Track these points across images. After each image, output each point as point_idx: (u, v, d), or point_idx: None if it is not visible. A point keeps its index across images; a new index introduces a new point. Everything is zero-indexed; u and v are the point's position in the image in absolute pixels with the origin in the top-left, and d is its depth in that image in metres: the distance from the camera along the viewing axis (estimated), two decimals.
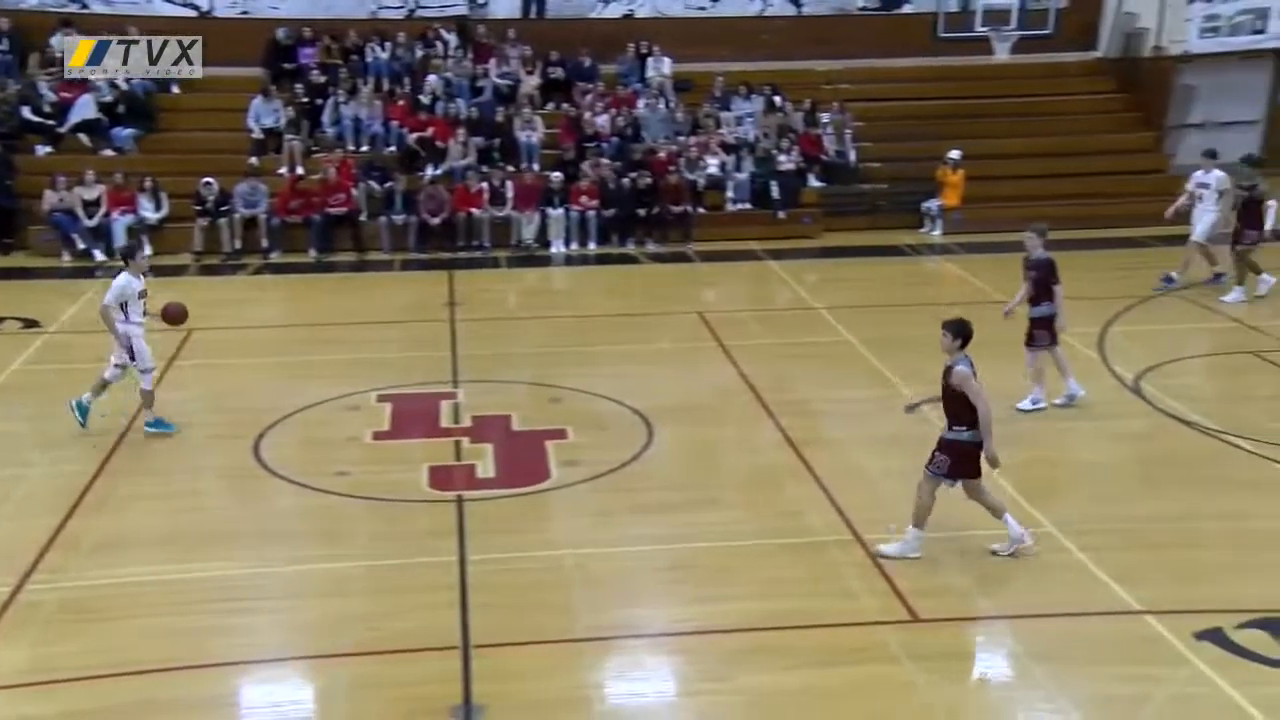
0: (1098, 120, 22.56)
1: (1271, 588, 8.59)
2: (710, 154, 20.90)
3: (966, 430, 8.95)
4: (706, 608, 8.60)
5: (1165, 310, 15.74)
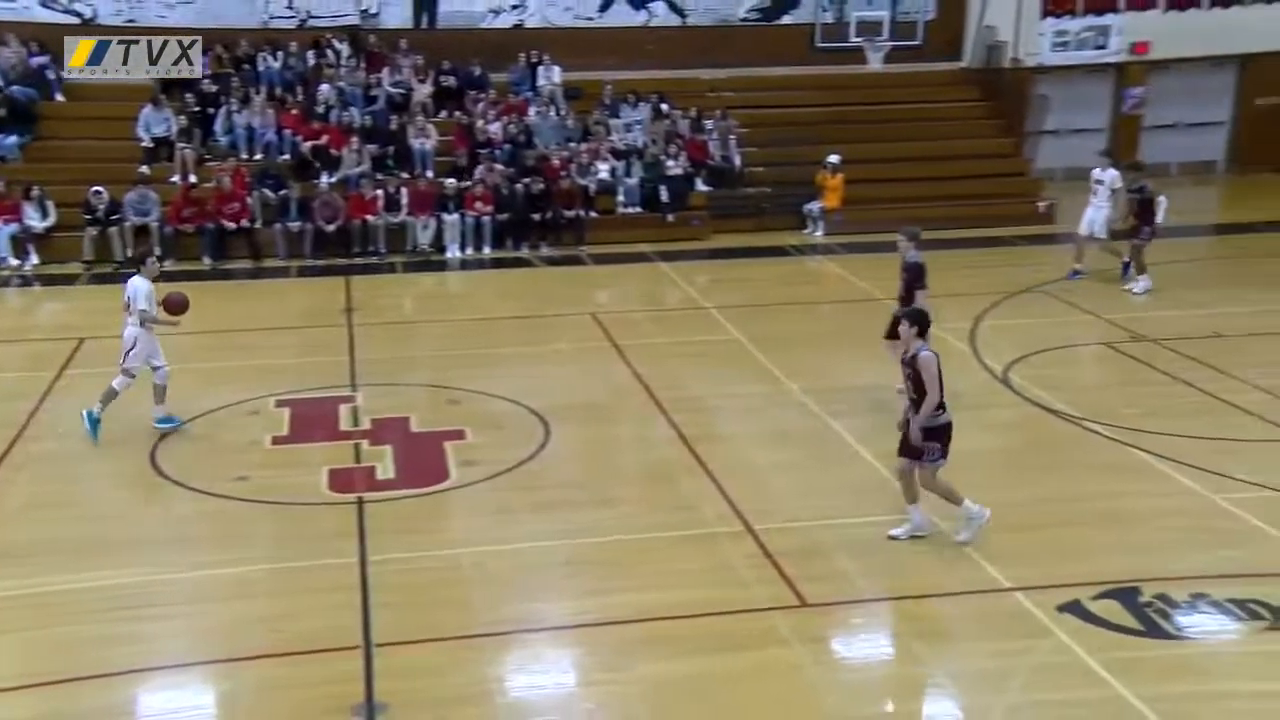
0: (964, 126, 23.16)
1: (1123, 561, 8.93)
2: (601, 160, 20.97)
3: (942, 414, 9.10)
4: (604, 600, 8.63)
5: (1030, 305, 16.22)
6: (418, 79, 22.10)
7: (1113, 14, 24.19)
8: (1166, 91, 24.82)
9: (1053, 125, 24.78)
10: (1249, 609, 8.26)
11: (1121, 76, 24.75)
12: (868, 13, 23.65)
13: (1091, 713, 7.18)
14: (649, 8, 23.83)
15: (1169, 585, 8.54)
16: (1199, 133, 25.14)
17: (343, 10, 22.71)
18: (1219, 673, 7.64)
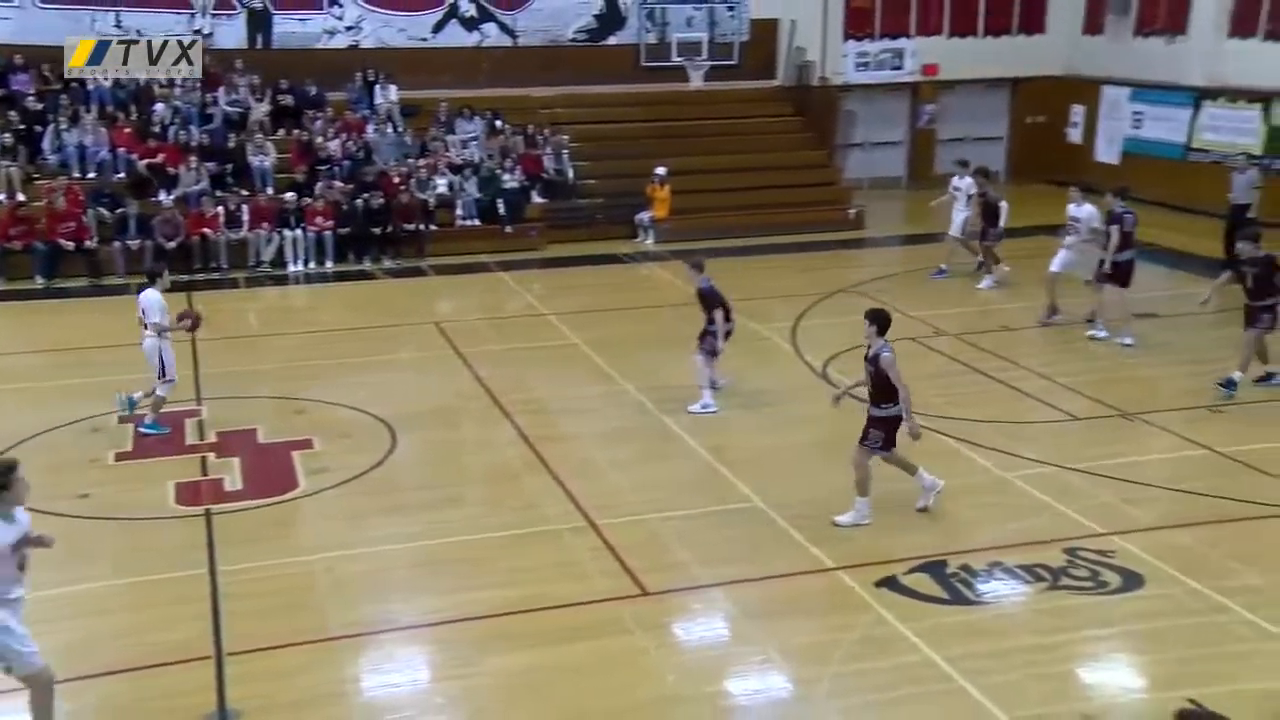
0: (779, 139, 23.76)
1: (932, 537, 9.32)
2: (439, 174, 20.72)
3: (893, 406, 9.33)
4: (456, 598, 8.56)
5: (844, 305, 16.69)
6: (255, 98, 21.43)
7: (906, 38, 25.26)
8: (954, 109, 26.00)
9: (859, 138, 25.67)
10: (1035, 572, 8.74)
11: (916, 95, 25.81)
12: (688, 34, 24.04)
13: (906, 676, 7.48)
14: (481, 29, 23.65)
15: (970, 557, 8.96)
16: (983, 146, 26.34)
17: (175, 29, 21.81)
18: (1010, 631, 8.06)
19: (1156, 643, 7.89)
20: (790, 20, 24.51)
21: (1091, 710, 7.10)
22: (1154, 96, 23.45)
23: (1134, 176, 23.24)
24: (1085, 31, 25.37)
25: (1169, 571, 8.68)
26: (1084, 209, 15.14)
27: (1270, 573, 8.63)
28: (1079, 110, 25.40)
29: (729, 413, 12.41)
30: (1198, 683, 7.23)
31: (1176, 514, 9.70)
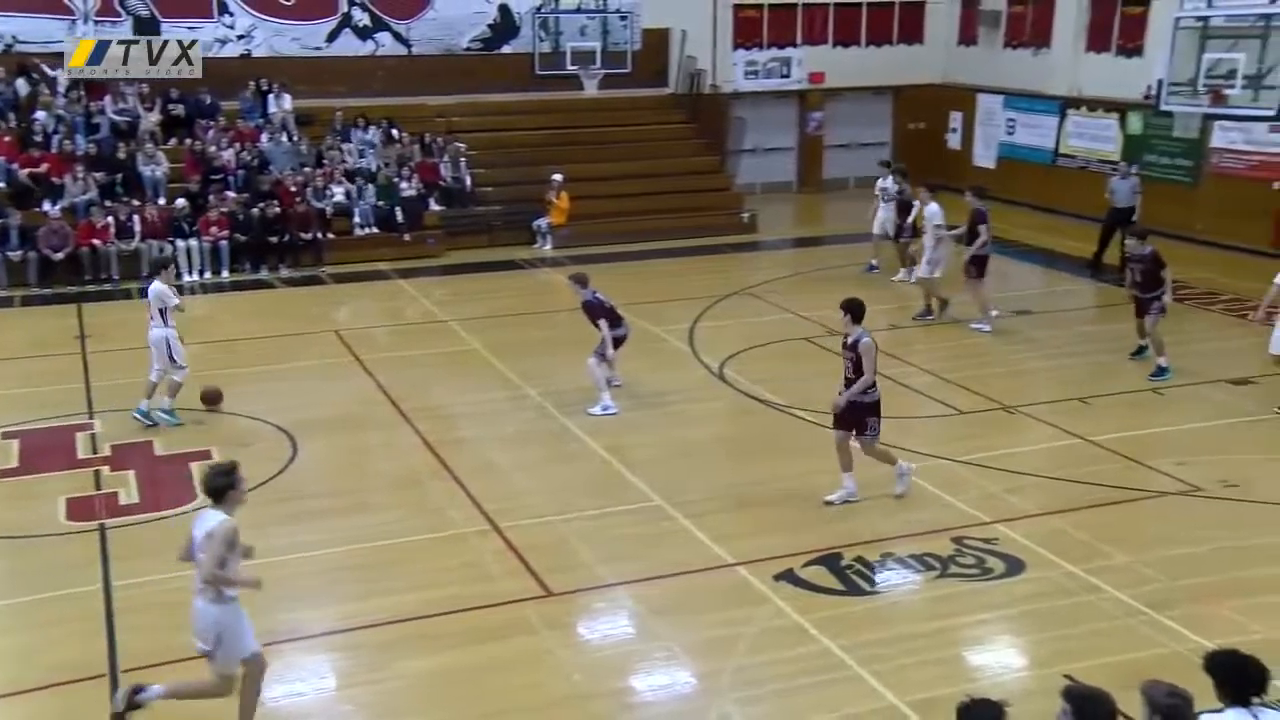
0: (673, 146, 23.93)
1: (827, 530, 9.53)
2: (335, 183, 20.40)
3: (875, 391, 9.68)
4: (364, 604, 8.46)
5: (739, 306, 16.96)
6: (144, 107, 20.80)
7: (792, 47, 25.70)
8: (840, 116, 26.54)
9: (750, 145, 26.01)
10: (925, 561, 8.99)
11: (804, 102, 26.27)
12: (581, 43, 24.08)
13: (804, 667, 7.63)
14: (375, 38, 23.33)
15: (864, 548, 9.18)
16: (868, 151, 26.97)
17: (54, 36, 21.02)
18: (903, 618, 8.28)
19: (1037, 623, 8.19)
20: (681, 30, 24.73)
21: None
22: (1024, 104, 24.29)
23: (1009, 180, 24.17)
24: (960, 42, 26.16)
25: (1047, 556, 9.01)
26: (930, 207, 15.59)
27: (1134, 552, 9.02)
28: (957, 117, 26.17)
29: (629, 414, 12.48)
30: (1073, 658, 7.53)
31: (1053, 501, 10.07)
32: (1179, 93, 18.36)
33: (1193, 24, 18.15)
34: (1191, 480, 10.36)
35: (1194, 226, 19.39)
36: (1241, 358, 14.21)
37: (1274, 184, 18.90)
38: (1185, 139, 20.35)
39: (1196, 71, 17.88)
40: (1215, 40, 17.81)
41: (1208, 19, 18.05)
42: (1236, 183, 19.60)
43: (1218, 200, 19.84)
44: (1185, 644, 7.56)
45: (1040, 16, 23.88)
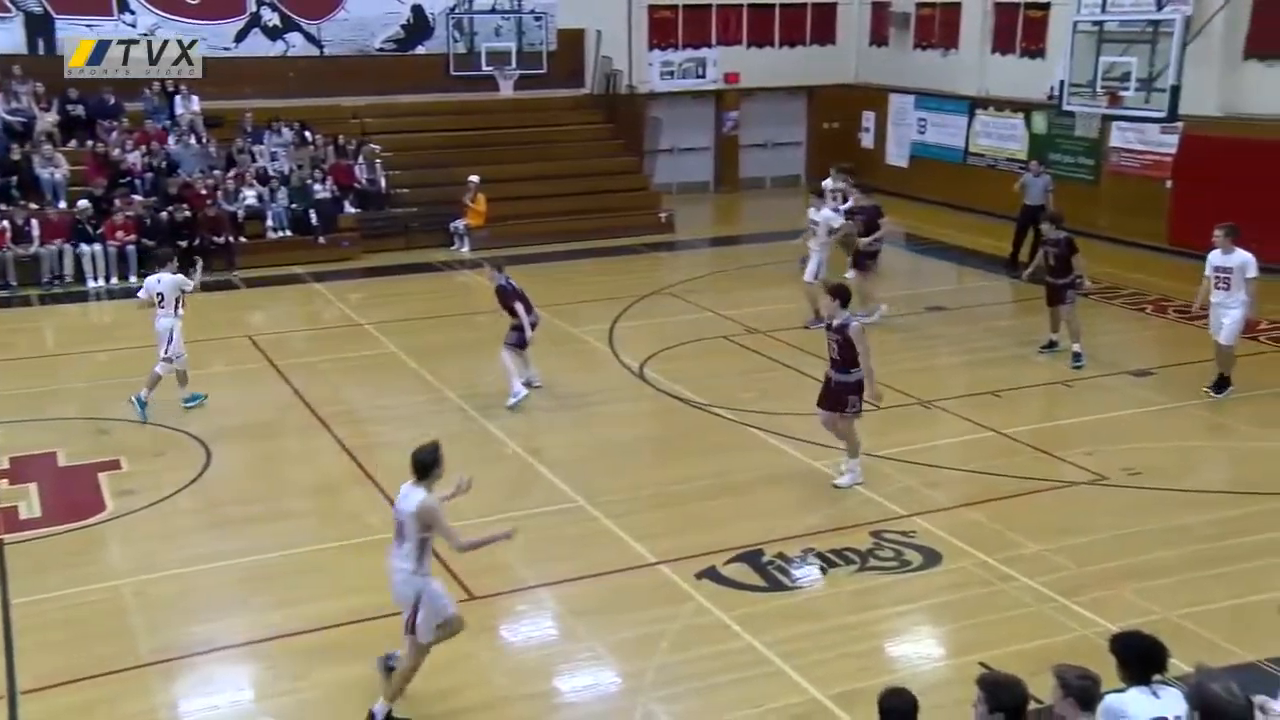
0: (590, 146, 23.90)
1: (749, 526, 9.57)
2: (247, 186, 19.98)
3: (858, 371, 10.02)
4: (282, 613, 8.30)
5: (659, 306, 17.00)
6: (40, 107, 20.13)
7: (708, 48, 25.86)
8: (756, 116, 26.77)
9: (666, 145, 26.09)
10: (844, 556, 9.11)
11: (720, 102, 26.45)
12: (496, 44, 23.92)
13: (727, 663, 7.68)
14: (286, 38, 22.90)
15: (785, 544, 9.26)
16: (784, 151, 27.31)
17: None
18: (823, 613, 8.37)
19: (953, 613, 8.35)
20: (596, 30, 24.71)
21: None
22: (934, 104, 24.74)
23: (921, 179, 24.63)
24: (872, 43, 26.55)
25: (963, 547, 9.19)
26: (822, 212, 15.65)
27: (1044, 541, 9.24)
28: (870, 116, 26.55)
29: (549, 415, 12.45)
30: (989, 646, 7.69)
31: (968, 493, 10.27)
32: (1079, 94, 18.88)
33: (1089, 28, 18.68)
34: (1098, 469, 10.64)
35: (1096, 223, 19.93)
36: (1142, 349, 14.69)
37: (1166, 182, 19.52)
38: (1086, 139, 20.93)
39: (1094, 74, 18.42)
40: (1110, 44, 18.37)
41: (1102, 23, 18.59)
42: (1133, 181, 20.21)
43: (1117, 198, 20.45)
44: (1093, 628, 7.76)
45: (948, 19, 24.35)
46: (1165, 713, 4.91)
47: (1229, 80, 18.58)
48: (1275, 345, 14.47)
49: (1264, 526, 9.52)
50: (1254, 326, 14.96)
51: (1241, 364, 12.83)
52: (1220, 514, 9.80)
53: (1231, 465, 11.08)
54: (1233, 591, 8.40)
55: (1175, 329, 15.31)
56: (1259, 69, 18.32)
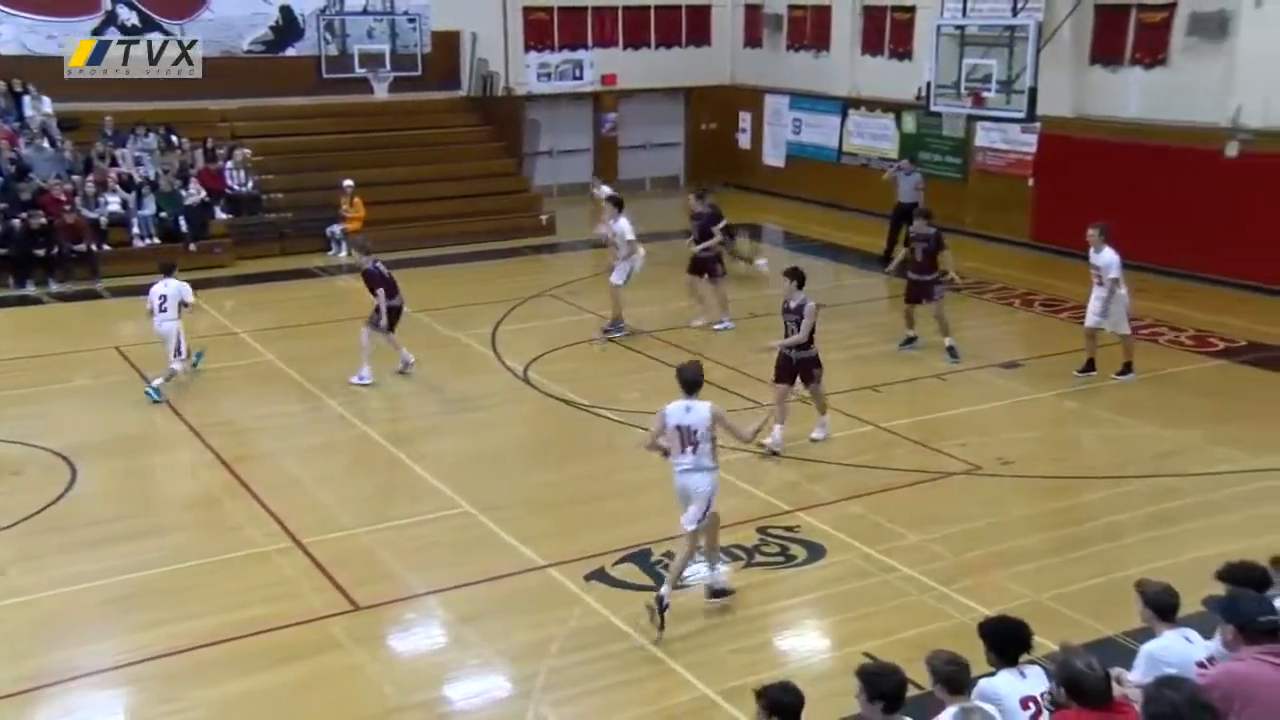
0: (468, 149, 23.68)
1: (636, 527, 9.60)
2: (109, 192, 19.21)
3: (814, 347, 11.29)
4: (155, 633, 8.01)
5: (542, 308, 16.93)
6: None
7: (584, 49, 25.88)
8: (634, 117, 26.91)
9: (545, 147, 26.03)
10: (731, 552, 9.20)
11: (598, 104, 26.50)
12: (369, 45, 23.49)
13: (618, 663, 7.70)
14: (146, 39, 22.02)
15: (673, 543, 9.27)
16: (663, 152, 27.50)
17: None
18: (712, 610, 8.41)
19: (838, 605, 8.53)
20: (471, 32, 24.50)
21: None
22: (808, 105, 25.23)
23: (798, 179, 25.09)
24: (746, 44, 26.93)
25: (845, 540, 9.39)
26: (619, 223, 15.33)
27: (923, 531, 9.51)
28: (746, 117, 26.94)
29: (433, 419, 12.31)
30: (872, 636, 7.88)
31: (850, 487, 10.50)
32: (945, 94, 19.47)
33: (952, 31, 19.30)
34: (972, 460, 11.00)
35: (964, 220, 20.61)
36: (1011, 342, 15.23)
37: (1029, 180, 20.31)
38: (953, 138, 21.62)
39: (959, 75, 19.04)
40: (972, 47, 19.02)
41: (964, 27, 19.24)
42: (998, 179, 20.97)
43: (983, 195, 21.19)
44: (970, 614, 8.01)
45: (819, 21, 24.86)
46: (1032, 690, 5.16)
47: (1079, 83, 19.49)
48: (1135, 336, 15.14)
49: (1122, 508, 9.99)
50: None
51: (1102, 354, 13.41)
52: (1084, 498, 10.25)
53: (1094, 451, 11.58)
54: (1095, 571, 8.78)
55: (1041, 321, 15.92)
56: (1103, 73, 19.27)
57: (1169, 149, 17.98)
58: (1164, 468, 10.80)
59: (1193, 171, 17.62)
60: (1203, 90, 17.62)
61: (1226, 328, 15.19)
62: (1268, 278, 16.74)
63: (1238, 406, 12.54)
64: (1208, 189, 17.38)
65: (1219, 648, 5.38)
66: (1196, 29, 17.76)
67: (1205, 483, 10.46)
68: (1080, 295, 16.65)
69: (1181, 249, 17.67)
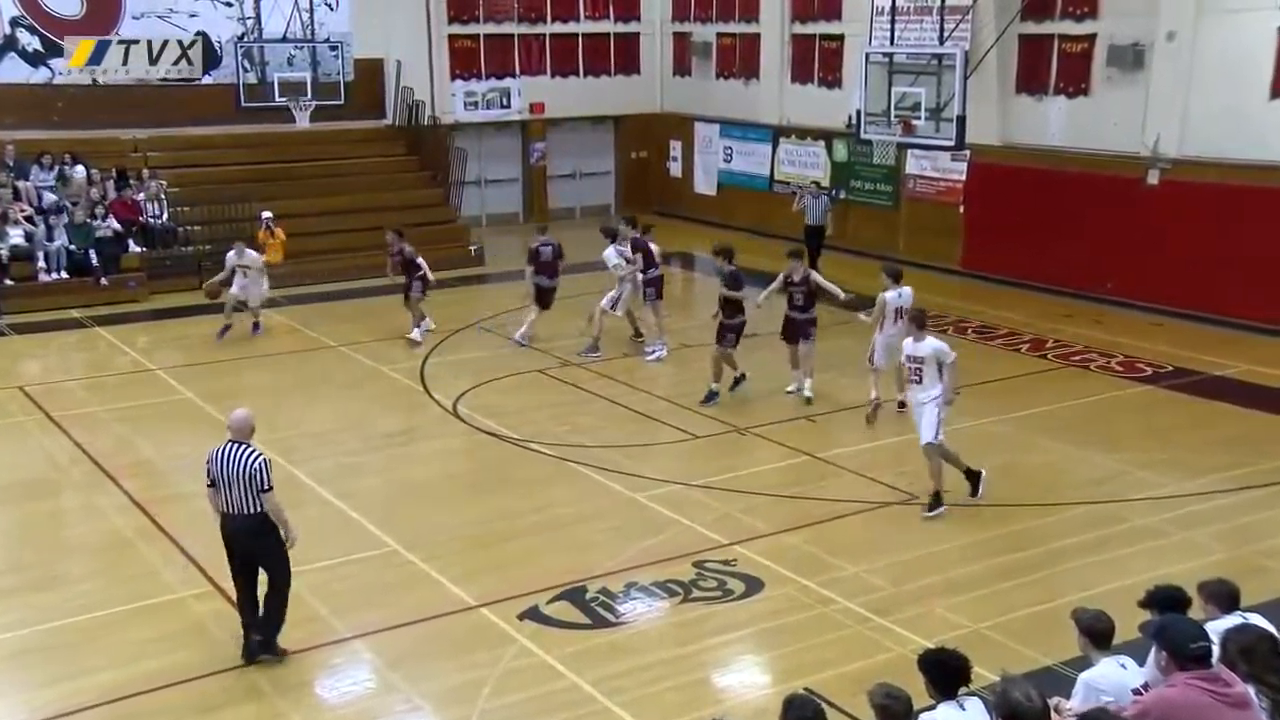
0: (394, 179, 23.51)
1: (569, 563, 9.55)
2: (12, 224, 18.72)
3: (744, 316, 13.50)
4: (59, 689, 7.74)
5: (470, 341, 16.83)
6: None
7: (511, 77, 25.93)
8: (564, 146, 26.98)
9: (473, 176, 25.95)
10: (668, 588, 9.18)
11: (526, 132, 26.53)
12: (289, 74, 23.13)
13: (552, 703, 7.61)
14: (50, 64, 21.61)
15: (608, 579, 9.27)
16: (593, 181, 27.60)
17: None
18: (649, 647, 8.40)
19: (776, 640, 8.52)
20: (396, 60, 24.41)
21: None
22: (739, 133, 25.52)
23: (730, 207, 25.32)
24: (676, 73, 27.20)
25: (783, 573, 9.40)
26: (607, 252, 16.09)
27: (859, 562, 9.57)
28: (677, 145, 27.16)
29: (359, 456, 12.14)
30: (811, 670, 7.88)
31: (786, 518, 10.54)
32: (875, 122, 19.77)
33: (880, 59, 19.64)
34: (908, 489, 11.10)
35: (896, 247, 20.95)
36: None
37: (959, 207, 20.75)
38: (884, 165, 22.01)
39: (888, 103, 19.35)
40: (901, 74, 19.35)
41: (892, 55, 19.60)
42: (929, 206, 21.38)
43: (914, 222, 21.57)
44: (909, 645, 8.05)
45: (747, 49, 25.19)
46: None
47: (1005, 112, 20.03)
48: (1064, 362, 15.47)
49: (1056, 535, 10.15)
50: (1041, 345, 16.05)
51: (1031, 380, 13.68)
52: (1021, 525, 10.39)
53: (1030, 477, 11.74)
54: (1034, 599, 8.89)
55: (975, 348, 16.17)
56: (1029, 102, 19.82)
57: (1093, 176, 18.52)
58: (1100, 493, 11.02)
59: (1116, 198, 18.16)
60: (1123, 119, 18.21)
61: (1153, 353, 15.58)
62: (1191, 304, 17.24)
63: (1168, 431, 12.84)
64: (1130, 216, 17.92)
65: (1154, 673, 5.47)
66: (1114, 60, 18.43)
67: (1140, 507, 10.69)
68: (1012, 322, 17.08)
69: (1106, 275, 18.16)
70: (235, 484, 7.76)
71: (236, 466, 7.77)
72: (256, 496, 7.79)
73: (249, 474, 7.76)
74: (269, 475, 7.84)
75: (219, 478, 7.83)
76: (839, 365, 15.03)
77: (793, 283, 13.41)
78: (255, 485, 7.78)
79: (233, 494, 7.80)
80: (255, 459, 7.82)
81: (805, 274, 13.35)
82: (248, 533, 7.86)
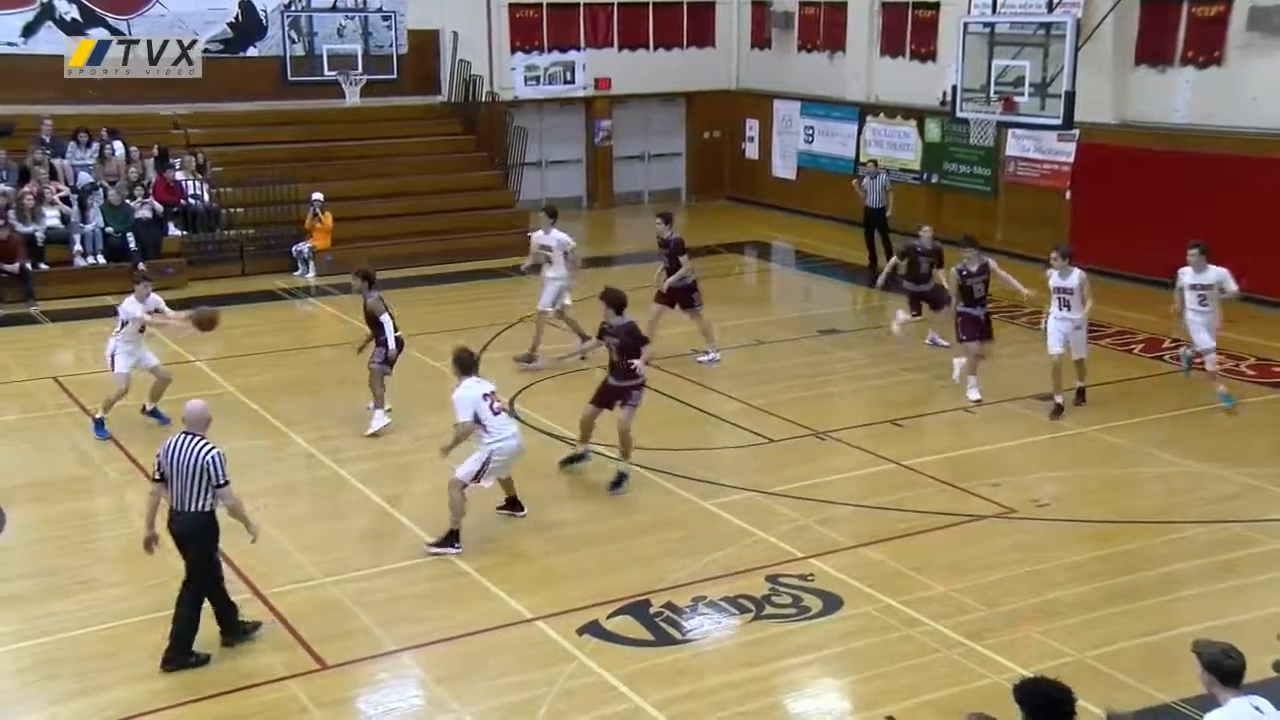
0: (448, 160, 23.78)
1: (632, 576, 9.57)
2: (49, 205, 19.23)
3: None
4: (84, 702, 7.92)
5: (528, 334, 16.88)
6: None
7: (576, 50, 26.01)
8: (631, 125, 27.03)
9: (533, 157, 26.08)
10: (738, 604, 9.17)
11: (591, 110, 26.62)
12: (339, 46, 23.59)
13: None
14: (87, 35, 22.12)
15: (674, 593, 9.28)
16: (662, 163, 27.63)
17: None
18: (718, 667, 8.39)
19: (856, 663, 8.47)
20: (452, 31, 24.63)
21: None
22: (821, 111, 25.34)
23: (810, 192, 25.17)
24: (753, 46, 27.09)
25: (864, 590, 9.34)
26: (553, 235, 15.56)
27: (949, 581, 9.47)
28: (753, 125, 27.06)
29: (408, 458, 12.28)
30: (896, 697, 7.83)
31: (867, 531, 10.46)
32: (973, 99, 19.54)
33: (980, 29, 19.39)
34: (1005, 502, 10.96)
35: (994, 237, 20.65)
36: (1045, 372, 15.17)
37: (1065, 193, 20.37)
38: (981, 147, 21.67)
39: (988, 78, 19.10)
40: (1002, 47, 19.09)
41: (993, 25, 19.32)
42: (1031, 192, 21.03)
43: (1014, 210, 21.25)
44: (1004, 673, 7.95)
45: (833, 19, 25.00)
46: None
47: (1122, 86, 19.55)
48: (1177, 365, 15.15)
49: (1178, 557, 9.95)
50: (1157, 345, 15.74)
51: (1146, 384, 13.41)
52: (1132, 545, 10.19)
53: (1144, 493, 11.51)
54: (1146, 628, 8.72)
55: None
56: (1150, 75, 19.32)
57: (1225, 158, 17.99)
58: (1225, 512, 10.76)
59: (1253, 183, 17.61)
60: (1265, 92, 17.62)
61: None
62: None
63: None
64: (1269, 204, 17.37)
65: None
66: (1257, 23, 17.69)
67: (1275, 529, 10.41)
68: (1127, 320, 16.72)
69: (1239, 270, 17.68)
70: (183, 478, 7.99)
71: (186, 459, 8.00)
72: (204, 493, 8.01)
73: (199, 467, 7.99)
74: (223, 469, 8.08)
75: (168, 472, 8.05)
76: (927, 367, 14.91)
77: (970, 274, 13.30)
78: (207, 480, 8.01)
79: (178, 488, 8.04)
80: (207, 452, 8.04)
81: (984, 262, 13.37)
82: (184, 529, 8.14)
